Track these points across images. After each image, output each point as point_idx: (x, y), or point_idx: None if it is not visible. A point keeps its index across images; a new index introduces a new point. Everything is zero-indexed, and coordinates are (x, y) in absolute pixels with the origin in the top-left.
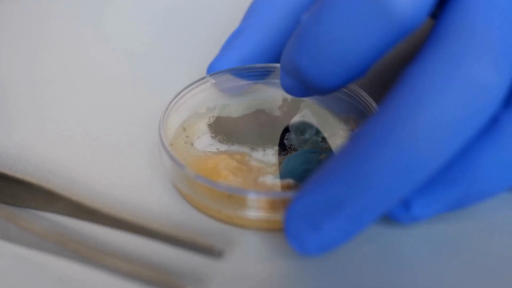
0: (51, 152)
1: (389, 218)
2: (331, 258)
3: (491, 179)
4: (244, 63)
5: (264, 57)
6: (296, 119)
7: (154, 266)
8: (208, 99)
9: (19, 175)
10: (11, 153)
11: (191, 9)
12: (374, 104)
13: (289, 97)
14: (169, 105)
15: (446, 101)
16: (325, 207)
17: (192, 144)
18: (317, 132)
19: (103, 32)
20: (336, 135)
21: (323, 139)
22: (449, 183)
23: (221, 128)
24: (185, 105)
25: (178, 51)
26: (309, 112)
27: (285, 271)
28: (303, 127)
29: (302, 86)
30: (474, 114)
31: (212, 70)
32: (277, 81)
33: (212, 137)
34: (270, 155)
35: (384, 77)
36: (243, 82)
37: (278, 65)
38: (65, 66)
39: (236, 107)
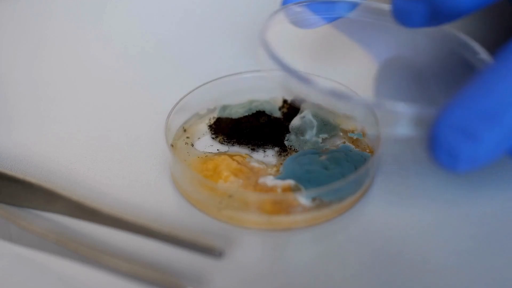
0: (52, 152)
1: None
2: (330, 258)
3: None
4: None
5: None
6: (296, 120)
7: (154, 266)
8: (208, 100)
9: (19, 175)
10: (12, 153)
11: (196, 12)
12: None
13: (289, 98)
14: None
15: None
16: (482, 115)
17: (192, 145)
18: (317, 133)
19: (103, 32)
20: (336, 135)
21: (323, 140)
22: None
23: (222, 129)
24: (185, 107)
25: (179, 53)
26: (309, 113)
27: (285, 271)
28: (303, 128)
29: (425, 9)
30: None
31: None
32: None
33: (212, 138)
34: (270, 156)
35: (381, 80)
36: (319, 17)
37: (361, 1)
38: (65, 67)
39: (236, 108)
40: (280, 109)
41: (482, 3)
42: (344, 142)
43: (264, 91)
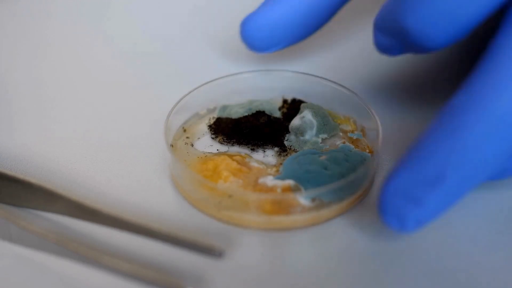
0: (52, 152)
1: None
2: (330, 258)
3: None
4: (285, 21)
5: (308, 16)
6: (296, 120)
7: (154, 266)
8: (208, 100)
9: (19, 175)
10: (12, 153)
11: (196, 12)
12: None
13: (289, 98)
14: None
15: None
16: (426, 182)
17: (192, 145)
18: (317, 133)
19: (103, 32)
20: (336, 135)
21: (323, 140)
22: None
23: (221, 129)
24: (185, 107)
25: (179, 53)
26: (309, 113)
27: (285, 271)
28: (303, 128)
29: (401, 46)
30: None
31: (248, 24)
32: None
33: (212, 138)
34: (270, 156)
35: (381, 81)
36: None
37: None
38: (65, 67)
39: (236, 108)
40: (280, 109)
41: (453, 41)
42: (344, 142)
43: (264, 91)
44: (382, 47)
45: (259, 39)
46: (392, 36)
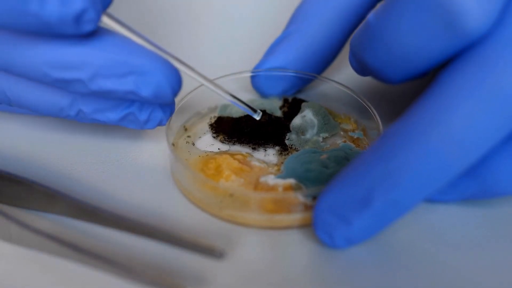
0: (52, 153)
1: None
2: (331, 256)
3: (504, 180)
4: (288, 67)
5: (309, 62)
6: (297, 119)
7: (154, 266)
8: (209, 99)
9: (19, 175)
10: (12, 153)
11: (197, 12)
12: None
13: (290, 97)
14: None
15: (475, 107)
16: (355, 202)
17: (193, 144)
18: (318, 132)
19: None
20: (337, 134)
21: (324, 139)
22: (468, 176)
23: (222, 128)
24: (186, 106)
25: (180, 52)
26: (310, 112)
27: (286, 270)
28: (304, 127)
29: (367, 72)
30: (502, 121)
31: (256, 75)
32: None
33: (213, 137)
34: (271, 155)
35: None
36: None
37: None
38: None
39: (237, 107)
40: (280, 108)
41: (410, 79)
42: (345, 141)
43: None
44: (353, 67)
45: (269, 87)
46: (359, 62)
